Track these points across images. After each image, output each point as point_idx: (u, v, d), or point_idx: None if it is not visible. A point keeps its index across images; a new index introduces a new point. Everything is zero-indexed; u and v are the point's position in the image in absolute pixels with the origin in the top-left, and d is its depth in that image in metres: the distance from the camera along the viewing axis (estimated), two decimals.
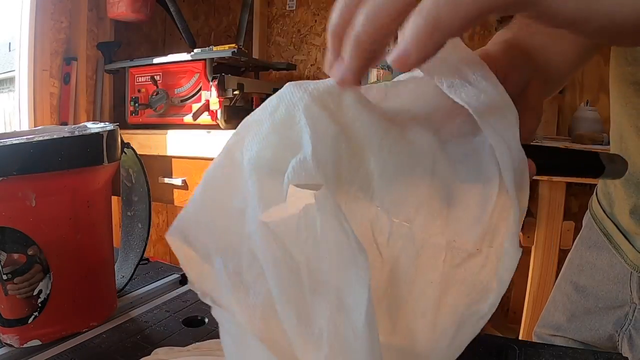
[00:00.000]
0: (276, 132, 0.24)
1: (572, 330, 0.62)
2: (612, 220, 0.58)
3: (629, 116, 0.48)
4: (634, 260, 0.54)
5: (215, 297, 0.25)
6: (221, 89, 1.54)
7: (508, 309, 1.76)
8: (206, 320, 0.48)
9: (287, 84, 0.26)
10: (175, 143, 1.59)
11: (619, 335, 0.57)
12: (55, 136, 0.40)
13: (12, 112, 1.74)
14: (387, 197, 0.24)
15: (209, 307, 0.36)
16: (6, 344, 0.43)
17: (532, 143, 0.32)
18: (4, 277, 0.41)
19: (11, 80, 1.77)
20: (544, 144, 0.97)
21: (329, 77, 0.26)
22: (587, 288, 0.61)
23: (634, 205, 0.52)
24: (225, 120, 1.55)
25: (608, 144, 0.77)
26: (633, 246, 0.54)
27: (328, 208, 0.22)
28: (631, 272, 0.56)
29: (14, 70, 1.69)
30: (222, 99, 1.54)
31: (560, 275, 0.67)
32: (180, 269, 0.62)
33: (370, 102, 0.26)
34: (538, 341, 0.66)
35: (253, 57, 1.98)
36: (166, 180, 1.62)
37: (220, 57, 1.56)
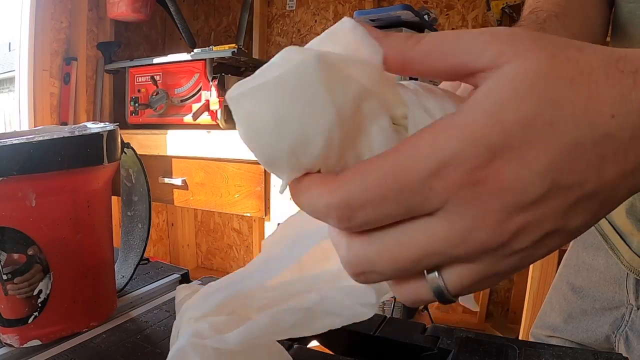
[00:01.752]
0: None
1: (568, 331, 0.62)
2: (608, 221, 0.58)
3: None
4: (630, 262, 0.54)
5: None
6: (221, 89, 1.54)
7: (508, 309, 1.76)
8: None
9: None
10: (175, 143, 1.59)
11: (615, 336, 0.57)
12: (55, 136, 0.40)
13: (12, 112, 1.74)
14: None
15: None
16: (6, 344, 0.43)
17: None
18: (4, 277, 0.41)
19: (11, 80, 1.77)
20: None
21: None
22: (584, 289, 0.61)
23: (630, 205, 0.52)
24: (225, 120, 1.55)
25: None
26: (629, 247, 0.54)
27: None
28: (627, 274, 0.55)
29: (14, 70, 1.69)
30: (222, 99, 1.54)
31: (556, 275, 0.67)
32: (180, 269, 0.62)
33: None
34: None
35: (253, 57, 1.98)
36: (166, 180, 1.62)
37: (220, 57, 1.56)
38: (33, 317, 0.43)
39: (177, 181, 1.60)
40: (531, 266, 1.25)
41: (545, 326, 0.66)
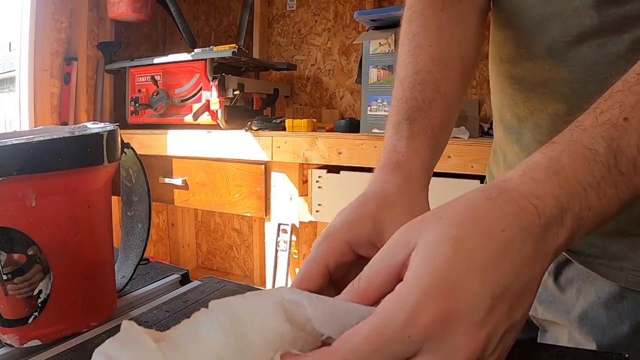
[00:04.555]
0: None
1: None
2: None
3: (507, 106, 0.53)
4: None
5: None
6: (221, 89, 1.54)
7: None
8: None
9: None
10: (176, 143, 1.59)
11: None
12: (55, 136, 0.40)
13: (12, 112, 1.74)
14: None
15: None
16: (6, 344, 0.43)
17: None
18: (4, 277, 0.41)
19: (11, 80, 1.77)
20: None
21: None
22: None
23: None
24: (225, 120, 1.55)
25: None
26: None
27: None
28: None
29: (14, 70, 1.69)
30: (222, 99, 1.54)
31: None
32: (181, 269, 0.62)
33: None
34: None
35: (253, 57, 1.98)
36: (166, 180, 1.62)
37: (221, 57, 1.56)
38: (33, 317, 0.43)
39: (177, 181, 1.60)
40: None
41: None
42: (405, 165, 0.39)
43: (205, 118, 1.56)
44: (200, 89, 1.59)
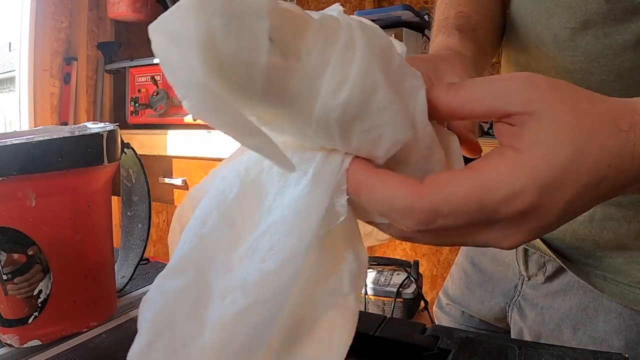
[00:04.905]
0: None
1: (465, 302, 0.65)
2: None
3: None
4: None
5: None
6: None
7: None
8: None
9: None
10: (176, 143, 1.59)
11: (509, 306, 0.59)
12: (55, 136, 0.40)
13: (12, 112, 1.74)
14: None
15: None
16: (6, 344, 0.43)
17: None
18: (4, 277, 0.41)
19: (11, 80, 1.77)
20: None
21: None
22: (481, 263, 0.64)
23: None
24: None
25: None
26: None
27: None
28: None
29: (14, 70, 1.69)
30: None
31: (459, 252, 0.71)
32: None
33: None
34: (437, 309, 0.71)
35: None
36: (166, 180, 1.62)
37: None
38: (33, 317, 0.43)
39: (177, 181, 1.60)
40: None
41: (445, 295, 0.69)
42: (456, 50, 0.41)
43: None
44: None
